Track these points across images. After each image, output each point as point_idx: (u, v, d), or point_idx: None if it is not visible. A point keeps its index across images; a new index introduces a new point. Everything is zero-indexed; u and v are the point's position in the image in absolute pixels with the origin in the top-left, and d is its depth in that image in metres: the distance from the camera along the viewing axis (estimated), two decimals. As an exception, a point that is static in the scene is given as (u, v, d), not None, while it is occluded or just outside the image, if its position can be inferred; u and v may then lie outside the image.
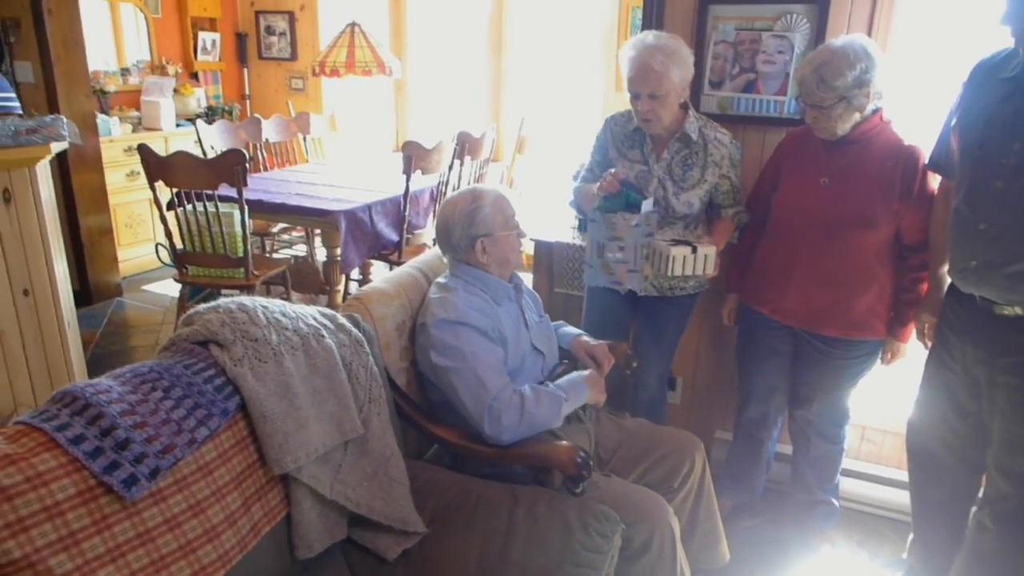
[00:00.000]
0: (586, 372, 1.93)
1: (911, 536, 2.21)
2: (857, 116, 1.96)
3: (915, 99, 2.39)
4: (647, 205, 2.07)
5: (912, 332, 2.11)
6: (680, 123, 2.18)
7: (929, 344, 2.02)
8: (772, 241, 2.22)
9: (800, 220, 2.10)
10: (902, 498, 2.42)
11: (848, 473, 2.56)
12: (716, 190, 2.24)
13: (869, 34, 2.24)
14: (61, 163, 4.08)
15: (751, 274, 2.30)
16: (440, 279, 1.95)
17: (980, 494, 1.89)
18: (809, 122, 2.01)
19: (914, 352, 2.14)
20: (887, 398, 2.53)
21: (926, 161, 1.97)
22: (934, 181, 1.99)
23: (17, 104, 3.23)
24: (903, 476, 2.29)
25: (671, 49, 2.05)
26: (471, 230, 1.89)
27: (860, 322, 2.10)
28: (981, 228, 1.68)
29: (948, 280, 1.94)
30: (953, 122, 1.80)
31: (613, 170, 2.14)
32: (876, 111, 1.99)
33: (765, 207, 2.24)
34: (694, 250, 2.08)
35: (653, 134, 2.20)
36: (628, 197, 2.11)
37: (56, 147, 2.38)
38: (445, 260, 2.03)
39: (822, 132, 2.01)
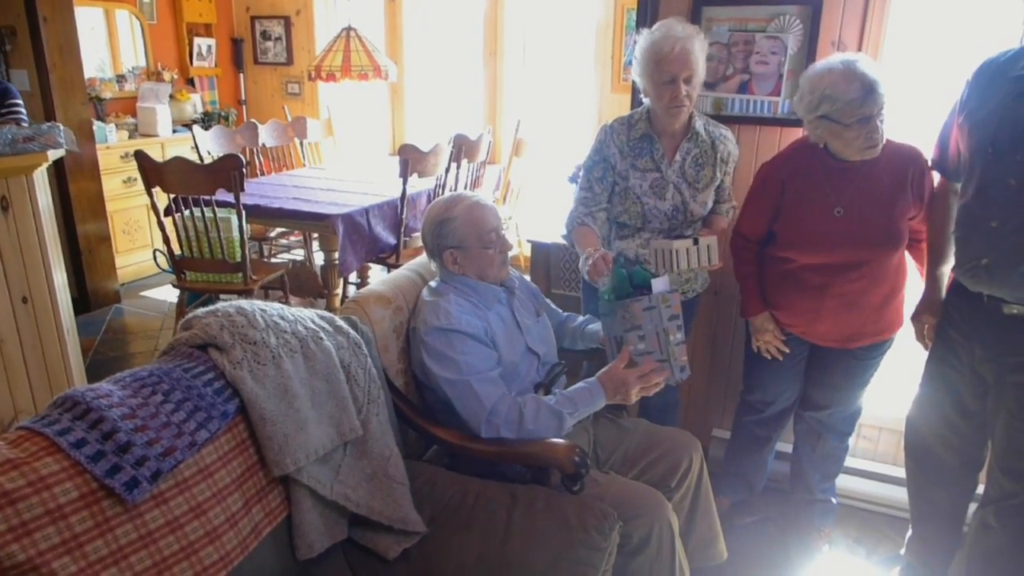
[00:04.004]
0: (602, 371, 1.83)
1: (909, 532, 2.22)
2: None
3: (908, 100, 2.40)
4: (659, 284, 1.83)
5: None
6: (688, 121, 2.16)
7: (929, 344, 2.03)
8: (796, 279, 2.11)
9: (823, 253, 2.04)
10: (899, 494, 2.43)
11: (845, 470, 2.56)
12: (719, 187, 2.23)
13: (861, 36, 2.27)
14: (58, 170, 4.08)
15: (775, 309, 2.19)
16: (432, 283, 1.96)
17: (982, 492, 1.90)
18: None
19: (910, 349, 2.15)
20: (882, 395, 2.54)
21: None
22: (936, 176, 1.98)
23: (24, 113, 3.25)
24: (899, 472, 2.30)
25: (700, 37, 2.04)
26: (439, 240, 1.89)
27: (887, 326, 2.11)
28: (993, 226, 1.67)
29: (946, 280, 1.95)
30: (959, 121, 1.78)
31: (600, 252, 1.97)
32: None
33: (763, 235, 2.17)
34: (695, 242, 2.00)
35: (672, 131, 2.14)
36: (633, 275, 1.87)
37: (53, 155, 2.39)
38: (432, 266, 2.02)
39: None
